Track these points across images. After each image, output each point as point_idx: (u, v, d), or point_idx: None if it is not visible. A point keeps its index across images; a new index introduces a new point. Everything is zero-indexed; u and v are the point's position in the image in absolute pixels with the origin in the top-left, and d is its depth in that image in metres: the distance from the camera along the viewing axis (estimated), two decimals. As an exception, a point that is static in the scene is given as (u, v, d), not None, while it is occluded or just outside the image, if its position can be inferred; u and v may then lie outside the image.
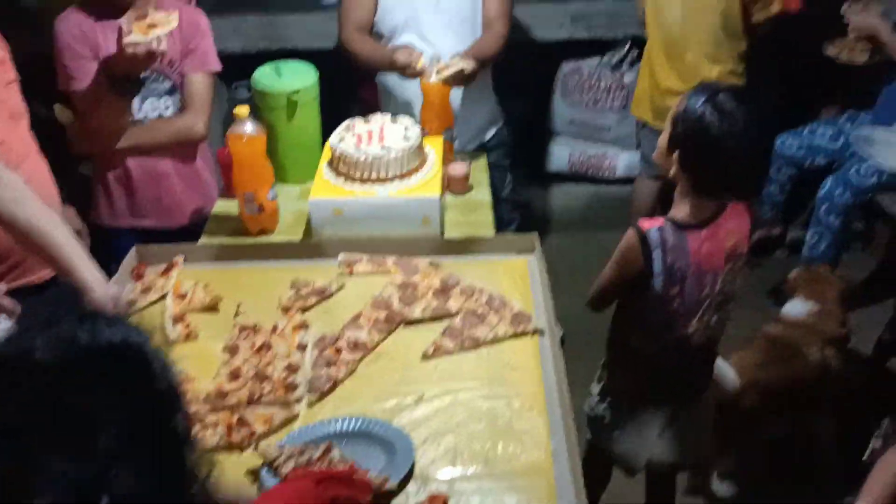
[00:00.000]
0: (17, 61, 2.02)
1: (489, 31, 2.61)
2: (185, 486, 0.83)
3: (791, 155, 3.26)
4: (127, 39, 1.97)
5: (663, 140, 1.80)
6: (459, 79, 2.37)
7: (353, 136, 2.21)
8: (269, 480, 1.44)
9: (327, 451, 1.45)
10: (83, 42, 2.20)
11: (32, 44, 2.48)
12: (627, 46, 3.75)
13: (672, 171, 1.79)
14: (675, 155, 1.76)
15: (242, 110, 2.08)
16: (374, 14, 2.64)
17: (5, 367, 0.78)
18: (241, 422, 1.57)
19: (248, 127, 2.09)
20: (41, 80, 2.25)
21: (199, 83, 2.31)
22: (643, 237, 1.80)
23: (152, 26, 2.04)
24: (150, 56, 2.00)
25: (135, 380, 0.81)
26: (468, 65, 2.35)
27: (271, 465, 1.46)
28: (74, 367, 0.78)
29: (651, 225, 1.80)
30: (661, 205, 3.02)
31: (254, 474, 1.48)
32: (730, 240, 1.83)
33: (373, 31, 2.66)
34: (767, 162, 2.03)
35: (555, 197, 4.10)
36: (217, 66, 2.34)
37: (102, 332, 0.81)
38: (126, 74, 2.08)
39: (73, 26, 2.20)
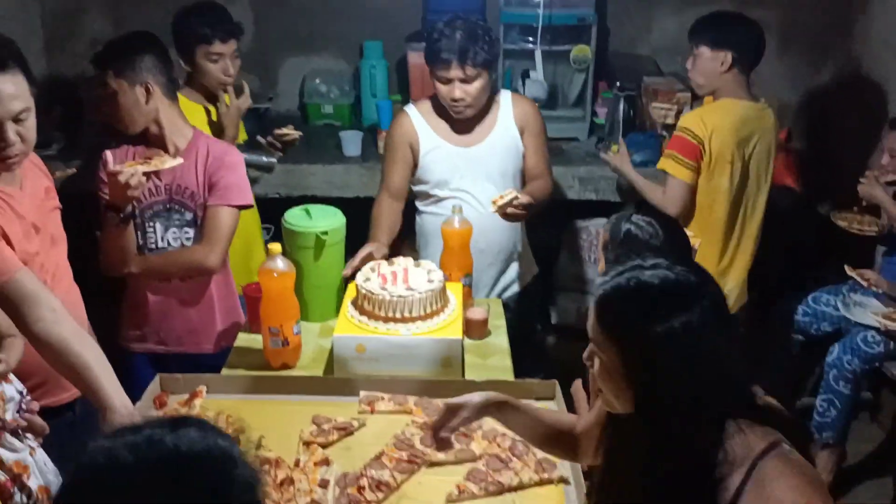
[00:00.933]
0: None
1: (537, 181, 2.74)
2: None
3: (797, 320, 3.33)
4: (108, 167, 2.15)
5: None
6: (515, 212, 2.49)
7: (378, 276, 2.28)
8: None
9: None
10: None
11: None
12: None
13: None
14: None
15: (275, 247, 2.16)
16: (408, 179, 2.76)
17: (97, 474, 0.79)
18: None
19: (280, 263, 2.16)
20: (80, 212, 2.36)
21: (219, 216, 2.35)
22: None
23: (147, 161, 2.20)
24: (123, 187, 2.12)
25: (222, 487, 0.81)
26: (524, 197, 2.49)
27: None
28: (163, 471, 0.79)
29: None
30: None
31: None
32: None
33: (415, 180, 2.78)
34: None
35: (563, 350, 4.13)
36: (240, 200, 2.39)
37: (191, 437, 0.82)
38: (111, 203, 2.23)
39: (118, 157, 2.32)
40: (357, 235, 2.64)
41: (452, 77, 2.54)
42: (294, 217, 2.44)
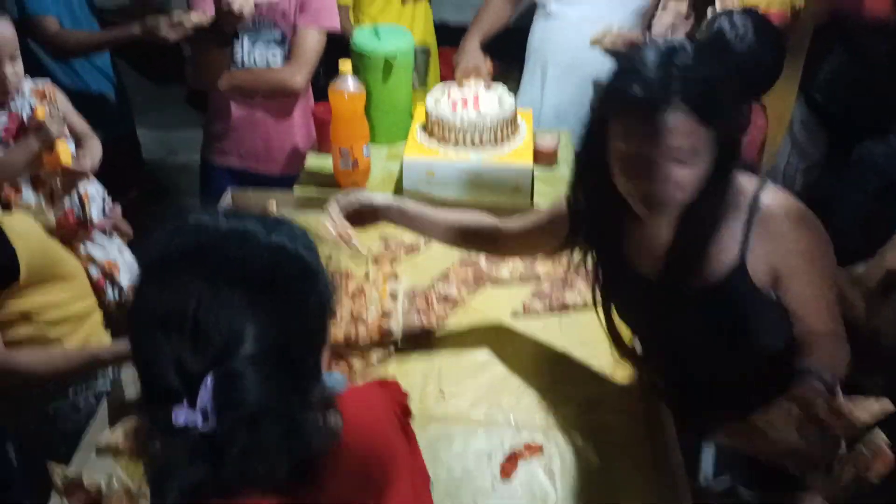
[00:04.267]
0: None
1: None
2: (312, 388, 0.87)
3: (874, 162, 3.21)
4: None
5: None
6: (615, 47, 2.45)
7: (448, 100, 2.25)
8: None
9: None
10: None
11: None
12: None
13: None
14: None
15: (346, 65, 2.13)
16: None
17: (191, 247, 0.83)
18: (339, 357, 1.62)
19: (350, 83, 2.14)
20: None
21: (308, 37, 2.36)
22: None
23: None
24: (233, 14, 2.09)
25: (302, 292, 0.85)
26: (629, 33, 2.46)
27: None
28: (252, 263, 0.82)
29: None
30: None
31: None
32: (752, 136, 2.16)
33: None
34: (778, 69, 2.19)
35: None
36: (330, 23, 2.39)
37: (283, 240, 0.85)
38: (218, 26, 2.18)
39: None
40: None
41: None
42: (363, 38, 2.39)
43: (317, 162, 2.40)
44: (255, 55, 2.38)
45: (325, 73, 2.93)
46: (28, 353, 1.50)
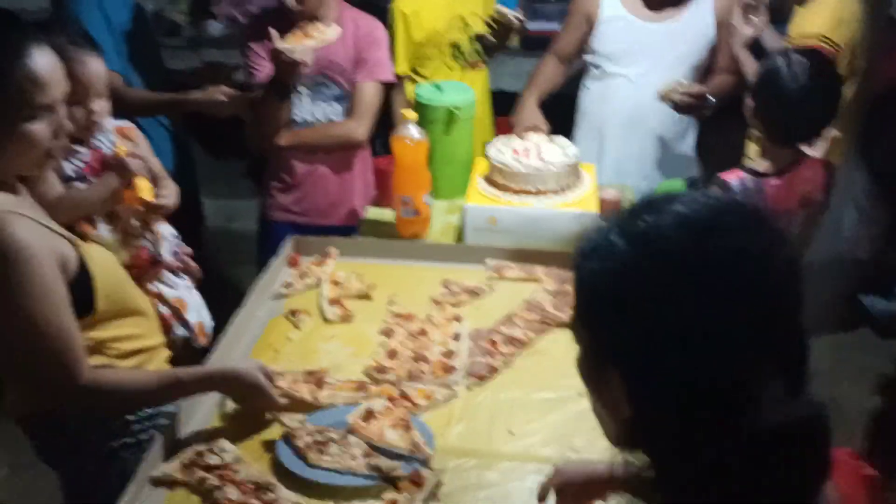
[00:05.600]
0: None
1: (722, 76, 2.59)
2: None
3: None
4: (277, 44, 2.11)
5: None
6: (684, 100, 2.44)
7: (510, 149, 2.25)
8: (284, 450, 1.43)
9: (347, 434, 1.45)
10: (264, 46, 2.34)
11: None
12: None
13: (749, 117, 2.11)
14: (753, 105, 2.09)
15: (410, 113, 2.15)
16: (579, 45, 2.67)
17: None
18: (403, 396, 1.56)
19: (414, 131, 2.15)
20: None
21: (368, 91, 2.41)
22: (725, 186, 2.05)
23: (307, 37, 2.17)
24: (293, 65, 2.12)
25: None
26: (694, 85, 2.46)
27: (289, 436, 1.45)
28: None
29: (731, 177, 2.08)
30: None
31: (269, 444, 1.47)
32: (804, 187, 2.08)
33: (588, 48, 2.66)
34: (830, 114, 2.12)
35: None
36: (387, 76, 2.45)
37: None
38: (278, 79, 2.22)
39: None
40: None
41: None
42: (426, 90, 2.42)
43: (377, 215, 2.40)
44: (316, 112, 2.43)
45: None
46: (114, 371, 1.47)
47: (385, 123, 2.75)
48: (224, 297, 1.96)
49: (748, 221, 0.77)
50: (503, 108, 2.92)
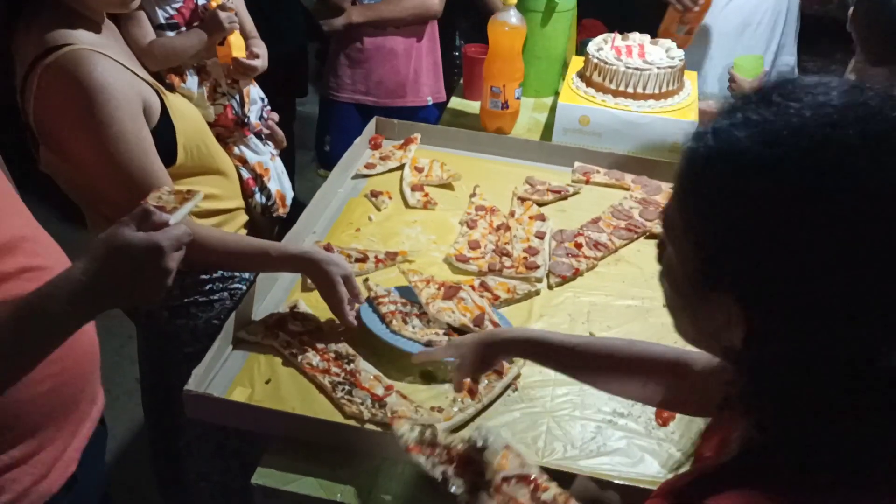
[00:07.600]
0: None
1: None
2: None
3: None
4: None
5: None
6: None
7: (611, 48, 2.12)
8: (368, 313, 1.42)
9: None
10: None
11: None
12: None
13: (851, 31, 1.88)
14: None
15: (511, -2, 2.03)
16: None
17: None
18: (484, 286, 1.52)
19: (514, 16, 2.03)
20: None
21: None
22: None
23: None
24: None
25: None
26: None
27: (373, 299, 1.45)
28: None
29: None
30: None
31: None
32: None
33: None
34: None
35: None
36: None
37: None
38: None
39: None
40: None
41: None
42: (523, -22, 2.29)
43: (461, 105, 2.32)
44: None
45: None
46: (205, 227, 1.45)
47: (474, 6, 2.64)
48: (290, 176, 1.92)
49: None
50: (588, 11, 2.76)
